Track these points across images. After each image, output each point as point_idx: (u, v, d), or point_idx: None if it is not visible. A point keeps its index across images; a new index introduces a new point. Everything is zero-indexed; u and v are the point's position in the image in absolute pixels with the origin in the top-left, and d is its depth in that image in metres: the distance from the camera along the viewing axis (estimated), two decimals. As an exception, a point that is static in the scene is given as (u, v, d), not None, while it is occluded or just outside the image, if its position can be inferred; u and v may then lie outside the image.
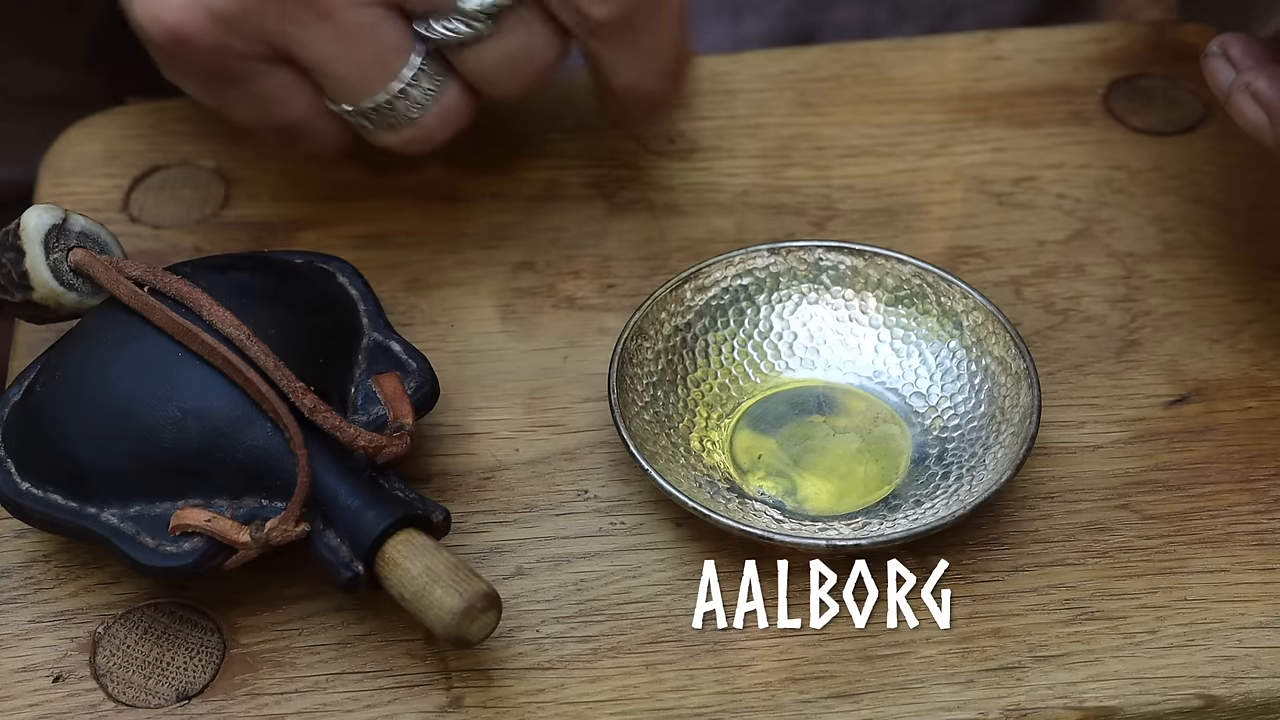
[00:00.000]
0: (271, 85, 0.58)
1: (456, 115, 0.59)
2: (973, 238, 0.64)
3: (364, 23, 0.56)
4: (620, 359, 0.57)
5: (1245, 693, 0.53)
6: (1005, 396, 0.57)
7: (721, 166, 0.66)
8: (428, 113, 0.58)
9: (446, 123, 0.59)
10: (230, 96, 0.59)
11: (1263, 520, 0.57)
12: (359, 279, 0.58)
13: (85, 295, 0.56)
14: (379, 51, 0.57)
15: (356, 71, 0.57)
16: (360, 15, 0.56)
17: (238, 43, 0.56)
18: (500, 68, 0.58)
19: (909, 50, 0.70)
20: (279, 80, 0.58)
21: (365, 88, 0.57)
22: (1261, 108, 0.56)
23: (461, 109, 0.59)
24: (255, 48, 0.57)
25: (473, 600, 0.50)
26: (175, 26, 0.56)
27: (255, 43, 0.56)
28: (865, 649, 0.54)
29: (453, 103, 0.58)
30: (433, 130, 0.59)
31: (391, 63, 0.57)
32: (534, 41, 0.58)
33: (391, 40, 0.57)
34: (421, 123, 0.58)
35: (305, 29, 0.56)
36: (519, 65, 0.58)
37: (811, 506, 0.56)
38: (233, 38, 0.56)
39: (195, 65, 0.57)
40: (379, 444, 0.53)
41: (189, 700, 0.53)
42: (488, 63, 0.58)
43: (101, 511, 0.53)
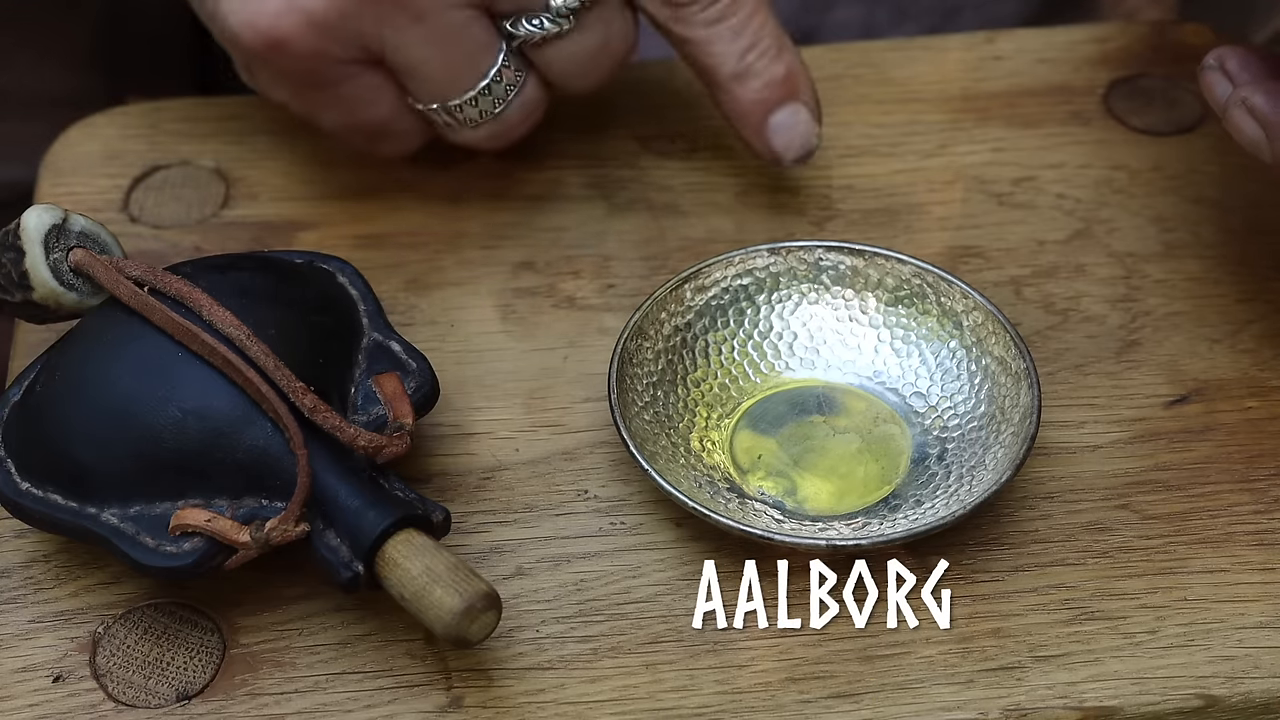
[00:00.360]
0: (360, 87, 0.59)
1: (534, 109, 0.60)
2: (973, 238, 0.64)
3: (455, 23, 0.57)
4: (620, 359, 0.57)
5: (1245, 693, 0.53)
6: (1005, 396, 0.57)
7: (721, 166, 0.67)
8: (509, 108, 0.60)
9: (525, 118, 0.60)
10: (319, 100, 0.60)
11: (1263, 520, 0.57)
12: (359, 279, 0.58)
13: (85, 295, 0.56)
14: (469, 51, 0.58)
15: (446, 71, 0.58)
16: (452, 16, 0.57)
17: (334, 47, 0.57)
18: (579, 62, 0.59)
19: (909, 50, 0.70)
20: (368, 82, 0.59)
21: (454, 86, 0.59)
22: (1258, 123, 0.56)
23: (539, 103, 0.60)
24: (350, 52, 0.58)
25: (473, 600, 0.50)
26: (271, 32, 0.57)
27: (351, 47, 0.58)
28: (865, 649, 0.54)
29: (531, 97, 0.60)
30: (512, 125, 0.60)
31: (480, 61, 0.58)
32: (611, 35, 0.59)
33: (480, 39, 0.58)
34: (503, 118, 0.60)
35: (400, 32, 0.57)
36: (597, 59, 0.59)
37: (811, 506, 0.56)
38: (329, 42, 0.57)
39: (289, 70, 0.58)
40: (379, 444, 0.53)
41: (189, 700, 0.53)
42: (566, 58, 0.59)
43: (101, 511, 0.53)
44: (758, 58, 0.60)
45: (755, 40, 0.60)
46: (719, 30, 0.60)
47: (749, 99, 0.61)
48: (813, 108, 0.62)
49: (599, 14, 0.59)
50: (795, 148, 0.62)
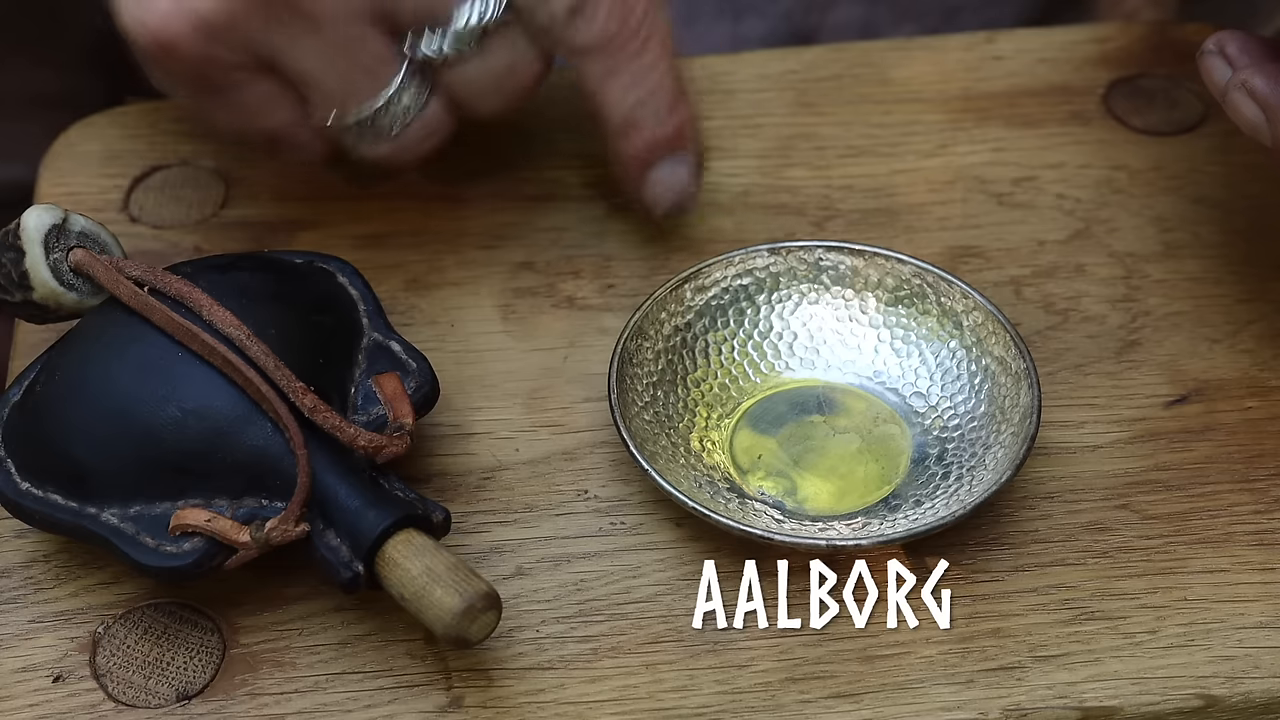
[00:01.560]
0: (256, 94, 0.58)
1: (437, 131, 0.59)
2: (973, 238, 0.64)
3: (352, 37, 0.56)
4: (620, 359, 0.57)
5: (1245, 693, 0.53)
6: (1005, 396, 0.57)
7: (721, 166, 0.66)
8: (409, 128, 0.58)
9: (427, 138, 0.59)
10: (214, 104, 0.58)
11: (1263, 520, 0.57)
12: (359, 279, 0.58)
13: (85, 295, 0.56)
14: (366, 66, 0.57)
15: (342, 85, 0.57)
16: (349, 29, 0.56)
17: (224, 52, 0.56)
18: (483, 86, 0.58)
19: (909, 50, 0.70)
20: (263, 90, 0.58)
21: (350, 101, 0.57)
22: (1258, 105, 0.56)
23: (442, 125, 0.59)
24: (241, 57, 0.56)
25: (473, 600, 0.50)
26: (160, 32, 0.56)
27: (241, 52, 0.56)
28: (865, 649, 0.54)
29: (434, 118, 0.58)
30: (412, 145, 0.59)
31: (378, 77, 0.57)
32: (517, 61, 0.58)
33: (379, 54, 0.57)
34: (402, 138, 0.58)
35: (293, 40, 0.56)
36: (501, 83, 0.58)
37: (811, 506, 0.56)
38: (219, 47, 0.56)
39: (180, 72, 0.57)
40: (379, 444, 0.53)
41: (189, 700, 0.53)
42: (470, 80, 0.58)
43: (101, 511, 0.53)
44: (648, 112, 0.60)
45: (649, 95, 0.59)
46: (613, 81, 0.59)
47: (631, 151, 0.60)
48: (694, 163, 0.61)
49: (503, 40, 0.57)
50: (666, 202, 0.62)
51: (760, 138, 0.67)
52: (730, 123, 0.68)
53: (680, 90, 0.60)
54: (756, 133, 0.68)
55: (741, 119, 0.68)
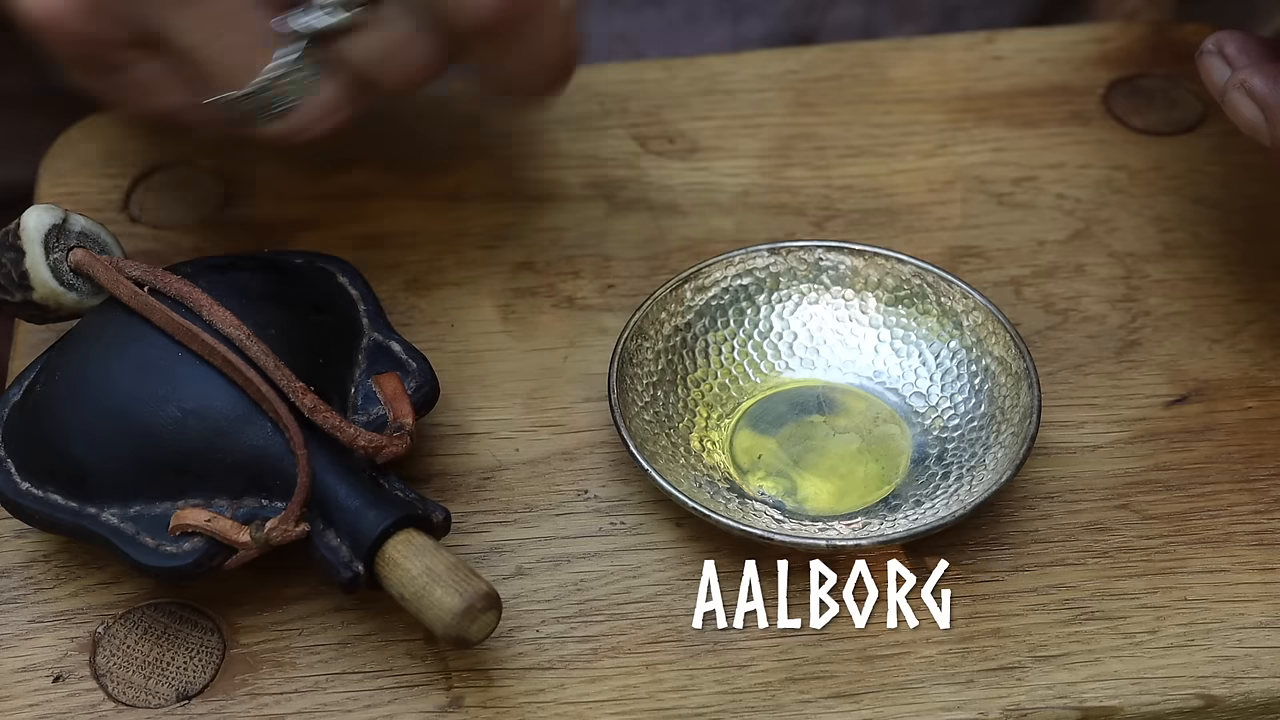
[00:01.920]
0: (146, 73, 0.56)
1: (332, 110, 0.56)
2: (973, 238, 0.64)
3: (231, 8, 0.54)
4: (620, 359, 0.57)
5: (1245, 693, 0.53)
6: (1005, 396, 0.57)
7: (721, 166, 0.66)
8: (300, 105, 0.56)
9: (321, 117, 0.56)
10: (107, 84, 0.57)
11: (1263, 520, 0.57)
12: (359, 279, 0.58)
13: (85, 295, 0.56)
14: (248, 40, 0.55)
15: (226, 59, 0.55)
16: (226, 3, 0.54)
17: (106, 28, 0.55)
18: (373, 61, 0.55)
19: (909, 50, 0.70)
20: (153, 68, 0.56)
21: (235, 77, 0.55)
22: (1257, 105, 0.56)
23: (337, 104, 0.56)
24: (124, 34, 0.55)
25: (473, 600, 0.50)
26: (41, 11, 0.55)
27: (123, 29, 0.55)
28: (865, 649, 0.54)
29: (329, 96, 0.56)
30: (307, 123, 0.56)
31: (260, 53, 0.55)
32: (409, 37, 0.55)
33: (260, 28, 0.55)
34: (294, 115, 0.56)
35: (171, 15, 0.54)
36: (393, 60, 0.55)
37: (811, 506, 0.56)
38: (99, 23, 0.54)
39: (68, 52, 0.56)
40: (379, 444, 0.53)
41: (189, 700, 0.53)
42: (359, 56, 0.55)
43: (101, 511, 0.53)
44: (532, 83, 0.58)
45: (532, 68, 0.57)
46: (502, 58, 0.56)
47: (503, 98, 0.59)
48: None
49: (391, 12, 0.55)
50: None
51: (760, 138, 0.67)
52: (730, 123, 0.68)
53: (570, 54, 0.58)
54: (756, 133, 0.68)
55: (741, 119, 0.68)
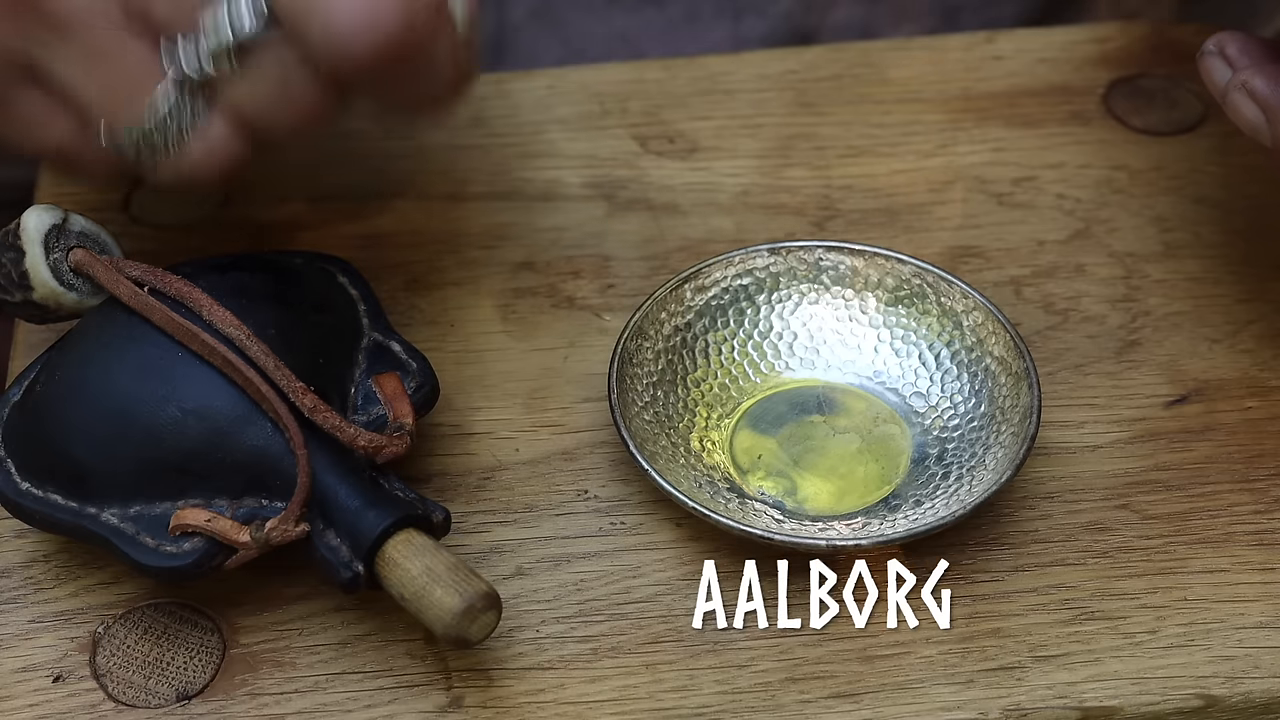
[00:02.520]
0: (29, 107, 0.54)
1: (222, 151, 0.54)
2: (973, 238, 0.64)
3: (109, 44, 0.52)
4: (620, 359, 0.57)
5: (1245, 693, 0.53)
6: (1005, 396, 0.57)
7: (721, 166, 0.67)
8: (188, 147, 0.54)
9: (210, 159, 0.54)
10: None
11: (1263, 520, 0.57)
12: (359, 279, 0.58)
13: (85, 295, 0.56)
14: (126, 76, 0.53)
15: (103, 96, 0.53)
16: (103, 36, 0.52)
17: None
18: (261, 105, 0.53)
19: (909, 50, 0.70)
20: (35, 102, 0.54)
21: (115, 115, 0.53)
22: (1258, 106, 0.56)
23: (227, 145, 0.54)
24: (2, 67, 0.53)
25: (473, 600, 0.50)
26: None
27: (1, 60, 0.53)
28: (865, 649, 0.54)
29: (216, 138, 0.54)
30: (195, 165, 0.54)
31: (141, 89, 0.53)
32: (291, 81, 0.52)
33: (140, 65, 0.53)
34: (182, 157, 0.54)
35: (48, 49, 0.53)
36: (279, 104, 0.53)
37: (811, 506, 0.56)
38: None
39: None
40: (379, 444, 0.53)
41: (189, 700, 0.53)
42: (246, 98, 0.53)
43: (101, 511, 0.53)
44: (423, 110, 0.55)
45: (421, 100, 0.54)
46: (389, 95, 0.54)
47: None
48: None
49: (272, 57, 0.52)
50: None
51: (760, 138, 0.67)
52: (730, 123, 0.68)
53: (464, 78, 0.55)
54: (756, 133, 0.68)
55: (741, 119, 0.68)
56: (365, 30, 0.50)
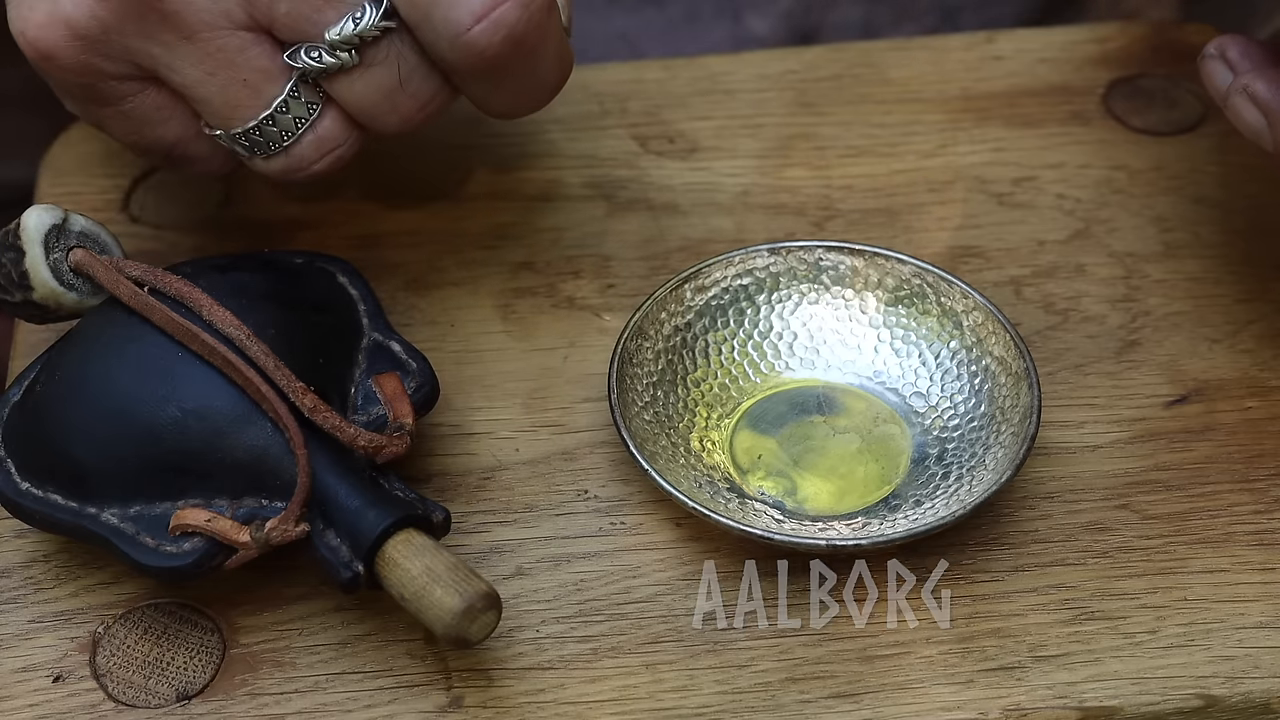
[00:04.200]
0: (144, 106, 0.56)
1: (333, 146, 0.56)
2: (973, 238, 0.64)
3: (229, 47, 0.54)
4: (620, 359, 0.57)
5: (1245, 693, 0.53)
6: (1005, 396, 0.57)
7: (721, 166, 0.67)
8: (300, 142, 0.56)
9: (321, 153, 0.56)
10: (104, 115, 0.57)
11: (1263, 520, 0.57)
12: (359, 279, 0.58)
13: (85, 295, 0.56)
14: (246, 77, 0.55)
15: (224, 96, 0.55)
16: (225, 39, 0.54)
17: (102, 63, 0.55)
18: (374, 101, 0.55)
19: (909, 50, 0.70)
20: (151, 101, 0.56)
21: (234, 113, 0.55)
22: (1260, 110, 0.56)
23: (338, 140, 0.56)
24: (122, 68, 0.55)
25: (473, 600, 0.50)
26: (37, 43, 0.55)
27: (121, 63, 0.55)
28: (865, 649, 0.54)
29: (328, 133, 0.56)
30: (307, 160, 0.56)
31: (261, 89, 0.55)
32: (406, 75, 0.55)
33: (260, 65, 0.55)
34: (294, 152, 0.56)
35: (170, 51, 0.54)
36: (394, 99, 0.55)
37: (811, 506, 0.56)
38: (96, 57, 0.55)
39: (64, 83, 0.56)
40: (379, 444, 0.53)
41: (189, 700, 0.53)
42: (359, 95, 0.55)
43: (101, 511, 0.53)
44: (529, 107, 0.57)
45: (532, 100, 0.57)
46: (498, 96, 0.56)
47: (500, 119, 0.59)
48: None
49: (387, 51, 0.54)
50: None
51: (760, 138, 0.67)
52: (730, 123, 0.68)
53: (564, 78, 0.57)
54: (756, 133, 0.68)
55: (741, 119, 0.68)
56: (486, 22, 0.52)
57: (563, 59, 0.56)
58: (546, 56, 0.55)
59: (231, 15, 0.54)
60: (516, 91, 0.56)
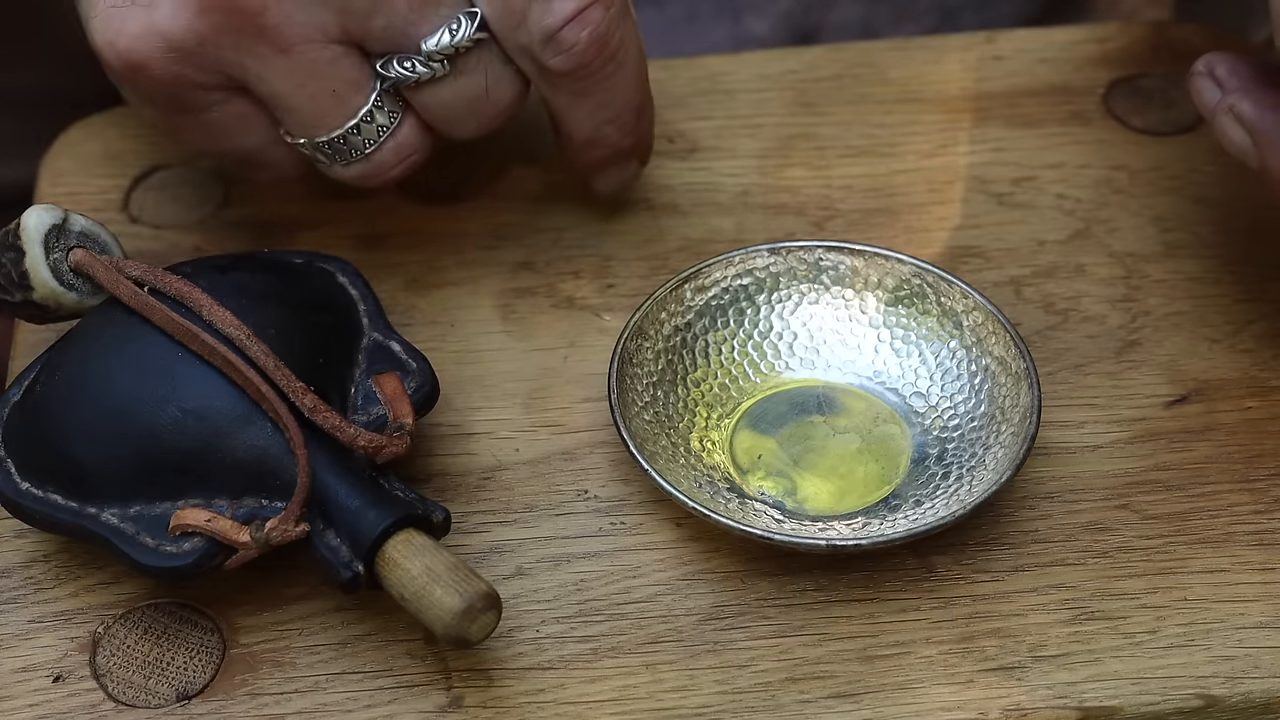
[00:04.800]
0: (227, 115, 0.57)
1: (410, 152, 0.58)
2: (973, 238, 0.64)
3: (322, 59, 0.56)
4: (620, 359, 0.57)
5: (1245, 693, 0.53)
6: (1005, 396, 0.57)
7: (721, 166, 0.67)
8: (381, 149, 0.58)
9: (400, 159, 0.58)
10: (184, 124, 0.58)
11: (1263, 520, 0.57)
12: (359, 279, 0.58)
13: (85, 295, 0.56)
14: (336, 87, 0.56)
15: (312, 106, 0.56)
16: (318, 52, 0.55)
17: (193, 73, 0.56)
18: (457, 108, 0.57)
19: (909, 50, 0.70)
20: (235, 110, 0.57)
21: (321, 122, 0.57)
22: (1245, 130, 0.56)
23: (416, 146, 0.58)
24: (211, 78, 0.56)
25: (473, 600, 0.50)
26: (129, 54, 0.55)
27: (211, 74, 0.56)
28: (865, 649, 0.54)
29: (407, 140, 0.58)
30: (386, 166, 0.58)
31: (348, 99, 0.57)
32: (492, 83, 0.57)
33: (349, 76, 0.56)
34: (375, 158, 0.58)
35: (262, 63, 0.55)
36: (476, 106, 0.58)
37: (811, 506, 0.56)
38: (188, 68, 0.56)
39: (150, 93, 0.57)
40: (379, 444, 0.53)
41: (189, 700, 0.53)
42: (444, 102, 0.57)
43: (101, 511, 0.53)
44: (613, 130, 0.60)
45: (616, 115, 0.59)
46: (582, 103, 0.59)
47: (588, 160, 0.61)
48: (644, 161, 0.63)
49: (476, 61, 0.57)
50: (609, 190, 0.63)
51: (760, 138, 0.67)
52: (730, 123, 0.68)
53: (644, 103, 0.60)
54: (756, 133, 0.68)
55: (741, 119, 0.68)
56: (575, 21, 0.56)
57: (642, 80, 0.59)
58: (627, 64, 0.58)
59: (326, 29, 0.55)
60: (600, 102, 0.58)
